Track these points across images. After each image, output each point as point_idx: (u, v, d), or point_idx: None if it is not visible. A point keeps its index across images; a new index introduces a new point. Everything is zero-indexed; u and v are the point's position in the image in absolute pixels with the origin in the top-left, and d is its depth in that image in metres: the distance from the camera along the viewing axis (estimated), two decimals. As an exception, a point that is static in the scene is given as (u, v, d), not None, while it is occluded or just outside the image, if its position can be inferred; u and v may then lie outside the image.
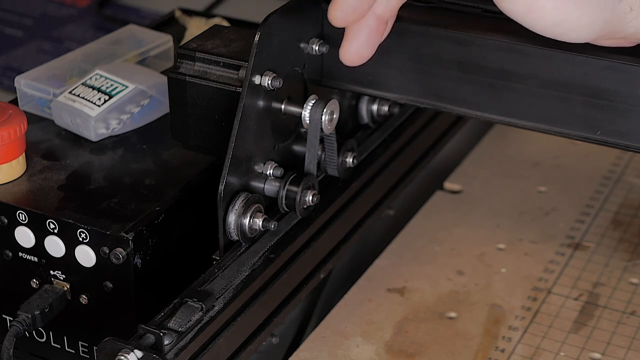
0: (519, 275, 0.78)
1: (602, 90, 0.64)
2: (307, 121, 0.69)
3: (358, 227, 0.77)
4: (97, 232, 0.65)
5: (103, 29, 1.15)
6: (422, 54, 0.68)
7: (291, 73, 0.68)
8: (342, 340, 0.71)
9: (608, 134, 0.65)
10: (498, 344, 0.71)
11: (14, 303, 0.68)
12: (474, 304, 0.75)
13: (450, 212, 0.85)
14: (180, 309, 0.60)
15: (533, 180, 0.89)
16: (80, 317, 0.68)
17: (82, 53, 0.82)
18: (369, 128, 0.79)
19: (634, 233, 0.82)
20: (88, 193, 0.69)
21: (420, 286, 0.77)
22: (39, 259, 0.68)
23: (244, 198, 0.65)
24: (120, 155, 0.73)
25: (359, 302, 0.75)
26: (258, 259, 0.66)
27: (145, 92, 0.76)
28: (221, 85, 0.67)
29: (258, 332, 0.66)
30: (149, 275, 0.67)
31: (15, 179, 0.70)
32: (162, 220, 0.67)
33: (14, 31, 1.17)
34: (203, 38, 0.70)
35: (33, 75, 0.78)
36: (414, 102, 0.70)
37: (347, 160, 0.73)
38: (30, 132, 0.74)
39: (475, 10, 0.68)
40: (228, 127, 0.64)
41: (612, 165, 0.91)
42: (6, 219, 0.68)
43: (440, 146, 0.89)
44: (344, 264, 0.81)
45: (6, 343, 0.65)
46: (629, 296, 0.76)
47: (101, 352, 0.58)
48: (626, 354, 0.71)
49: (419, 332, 0.72)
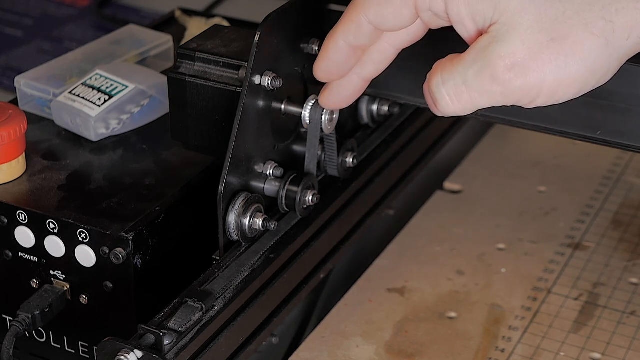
0: (519, 275, 0.78)
1: (602, 90, 0.64)
2: (307, 121, 0.69)
3: (358, 227, 0.77)
4: (97, 232, 0.65)
5: (103, 29, 1.15)
6: (422, 54, 0.68)
7: (291, 73, 0.68)
8: (342, 340, 0.71)
9: (608, 134, 0.65)
10: (498, 344, 0.71)
11: (14, 303, 0.68)
12: (474, 304, 0.75)
13: (450, 212, 0.85)
14: (180, 309, 0.60)
15: (533, 180, 0.89)
16: (80, 317, 0.68)
17: (82, 53, 0.82)
18: (369, 128, 0.79)
19: (634, 233, 0.82)
20: (88, 193, 0.69)
21: (420, 286, 0.77)
22: (39, 259, 0.68)
23: (244, 198, 0.65)
24: (120, 155, 0.73)
25: (359, 302, 0.75)
26: (258, 259, 0.66)
27: (145, 92, 0.76)
28: (221, 85, 0.67)
29: (258, 332, 0.66)
30: (149, 275, 0.67)
31: (15, 179, 0.70)
32: (162, 220, 0.67)
33: (14, 31, 1.17)
34: (203, 38, 0.70)
35: (33, 75, 0.78)
36: (414, 102, 0.70)
37: (347, 160, 0.73)
38: (30, 132, 0.74)
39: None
40: (228, 127, 0.64)
41: (612, 165, 0.91)
42: (6, 219, 0.68)
43: (440, 146, 0.89)
44: (344, 264, 0.81)
45: (6, 343, 0.65)
46: (629, 296, 0.76)
47: (101, 352, 0.58)
48: (626, 354, 0.71)
49: (419, 332, 0.72)
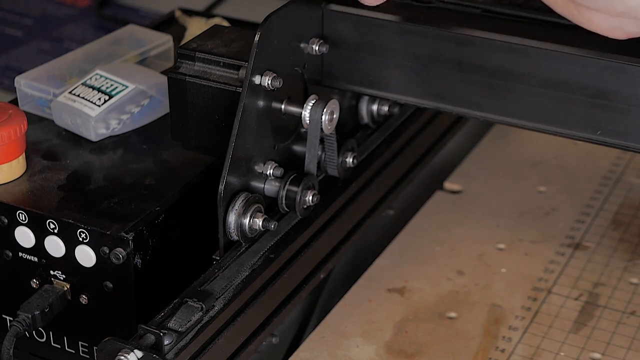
0: (519, 275, 0.78)
1: (602, 90, 0.64)
2: (307, 121, 0.69)
3: (358, 227, 0.77)
4: (97, 232, 0.65)
5: (103, 29, 1.15)
6: (422, 54, 0.68)
7: (291, 73, 0.68)
8: (342, 340, 0.71)
9: (608, 134, 0.65)
10: (498, 344, 0.71)
11: (14, 303, 0.68)
12: (474, 304, 0.75)
13: (450, 212, 0.85)
14: (180, 309, 0.60)
15: (533, 180, 0.89)
16: (80, 317, 0.68)
17: (82, 53, 0.82)
18: (369, 128, 0.79)
19: (634, 233, 0.82)
20: (88, 193, 0.69)
21: (420, 286, 0.77)
22: (39, 259, 0.68)
23: (244, 198, 0.65)
24: (120, 155, 0.73)
25: (359, 302, 0.75)
26: (258, 259, 0.66)
27: (145, 92, 0.76)
28: (221, 85, 0.67)
29: (258, 332, 0.66)
30: (149, 275, 0.67)
31: (15, 179, 0.70)
32: (162, 220, 0.67)
33: (14, 31, 1.17)
34: (203, 38, 0.70)
35: (33, 75, 0.78)
36: (414, 102, 0.70)
37: (347, 160, 0.73)
38: (30, 132, 0.74)
39: (475, 10, 0.69)
40: (228, 127, 0.64)
41: (612, 165, 0.91)
42: (6, 219, 0.68)
43: (440, 146, 0.89)
44: (344, 264, 0.81)
45: (6, 343, 0.65)
46: (629, 296, 0.76)
47: (101, 352, 0.58)
48: (626, 354, 0.71)
49: (419, 332, 0.72)
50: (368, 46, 0.69)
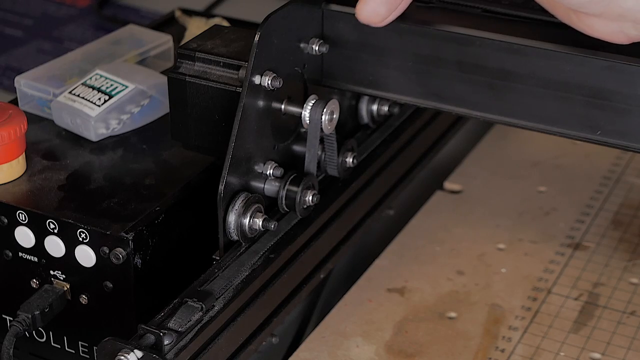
0: (519, 275, 0.78)
1: (602, 90, 0.64)
2: (307, 121, 0.69)
3: (358, 227, 0.77)
4: (97, 232, 0.65)
5: (103, 29, 1.15)
6: (422, 54, 0.68)
7: (291, 73, 0.68)
8: (342, 340, 0.71)
9: (608, 134, 0.65)
10: (498, 344, 0.71)
11: (14, 303, 0.68)
12: (474, 304, 0.75)
13: (450, 212, 0.85)
14: (180, 309, 0.60)
15: (533, 180, 0.89)
16: (80, 317, 0.68)
17: (82, 53, 0.82)
18: (369, 128, 0.79)
19: (634, 233, 0.82)
20: (88, 193, 0.69)
21: (420, 286, 0.77)
22: (39, 259, 0.68)
23: (244, 198, 0.65)
24: (120, 155, 0.73)
25: (359, 302, 0.75)
26: (258, 259, 0.66)
27: (145, 92, 0.76)
28: (221, 85, 0.67)
29: (258, 332, 0.66)
30: (149, 275, 0.67)
31: (15, 179, 0.70)
32: (162, 220, 0.67)
33: (14, 31, 1.17)
34: (203, 38, 0.70)
35: (33, 75, 0.78)
36: (414, 102, 0.70)
37: (347, 160, 0.73)
38: (30, 132, 0.74)
39: (475, 10, 0.68)
40: (228, 127, 0.64)
41: (612, 165, 0.91)
42: (6, 219, 0.68)
43: (440, 146, 0.89)
44: (344, 264, 0.81)
45: (6, 343, 0.65)
46: (629, 296, 0.76)
47: (101, 352, 0.58)
48: (626, 354, 0.71)
49: (419, 332, 0.72)
50: (368, 46, 0.69)
